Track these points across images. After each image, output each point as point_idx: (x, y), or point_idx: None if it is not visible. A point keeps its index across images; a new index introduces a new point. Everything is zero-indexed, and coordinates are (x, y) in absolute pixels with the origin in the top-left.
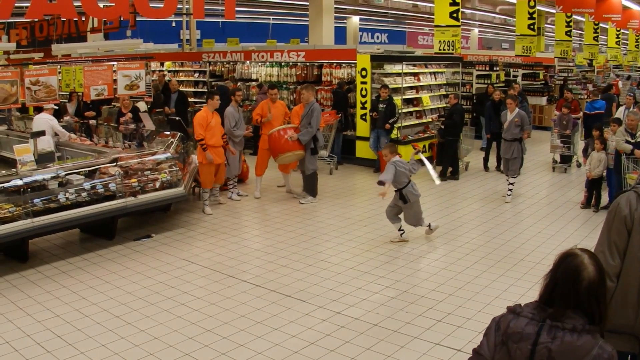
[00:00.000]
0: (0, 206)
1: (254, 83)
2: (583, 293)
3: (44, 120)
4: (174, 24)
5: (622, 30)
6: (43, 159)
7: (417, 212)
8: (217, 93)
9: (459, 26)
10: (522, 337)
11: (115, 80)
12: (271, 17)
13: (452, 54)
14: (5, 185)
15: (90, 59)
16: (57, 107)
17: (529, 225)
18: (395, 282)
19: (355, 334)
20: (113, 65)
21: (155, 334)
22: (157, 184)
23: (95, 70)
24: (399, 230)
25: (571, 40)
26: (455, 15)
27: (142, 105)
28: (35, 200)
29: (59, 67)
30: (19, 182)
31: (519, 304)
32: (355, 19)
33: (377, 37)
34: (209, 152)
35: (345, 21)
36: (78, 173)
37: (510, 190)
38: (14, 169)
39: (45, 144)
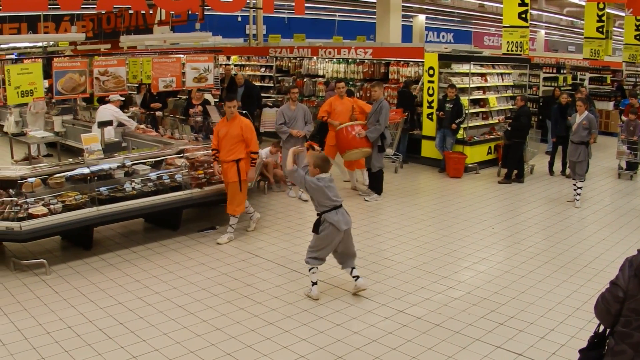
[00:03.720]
0: (66, 194)
1: (320, 79)
2: None
3: (108, 112)
4: (239, 19)
5: None
6: (110, 149)
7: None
8: (230, 98)
9: (527, 27)
10: None
11: (183, 73)
12: (337, 14)
13: (519, 55)
14: (71, 173)
15: (157, 50)
16: (123, 99)
17: (594, 232)
18: (458, 283)
19: (417, 333)
20: (182, 57)
21: (218, 325)
22: None
23: (164, 62)
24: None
25: None
26: (524, 16)
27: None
28: (101, 189)
29: (126, 58)
30: (86, 171)
31: None
32: (421, 18)
33: (443, 37)
34: (216, 165)
35: (411, 20)
36: (144, 163)
37: (578, 195)
38: (81, 157)
39: (111, 133)
